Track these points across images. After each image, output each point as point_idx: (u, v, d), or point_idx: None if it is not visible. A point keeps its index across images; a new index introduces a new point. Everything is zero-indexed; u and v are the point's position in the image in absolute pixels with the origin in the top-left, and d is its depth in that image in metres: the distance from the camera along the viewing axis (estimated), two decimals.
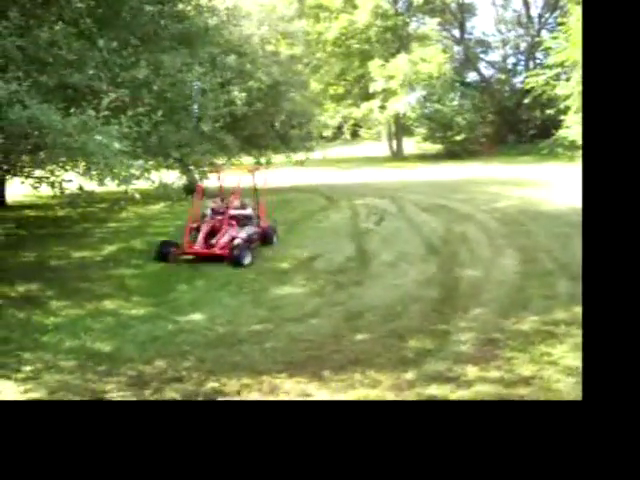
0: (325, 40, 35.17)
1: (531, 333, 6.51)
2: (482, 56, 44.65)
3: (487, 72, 44.38)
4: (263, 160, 20.39)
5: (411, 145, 38.48)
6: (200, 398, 5.18)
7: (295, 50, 27.28)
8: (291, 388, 5.32)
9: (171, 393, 5.27)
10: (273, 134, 20.28)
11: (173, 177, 12.28)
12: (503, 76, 42.82)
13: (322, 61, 35.63)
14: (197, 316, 7.40)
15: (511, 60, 45.31)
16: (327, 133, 37.76)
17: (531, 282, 8.54)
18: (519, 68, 44.28)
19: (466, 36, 43.58)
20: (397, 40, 36.06)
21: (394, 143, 38.32)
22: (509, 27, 45.34)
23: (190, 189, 14.23)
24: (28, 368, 5.87)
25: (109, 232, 13.12)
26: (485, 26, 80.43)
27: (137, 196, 7.25)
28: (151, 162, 10.35)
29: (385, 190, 19.65)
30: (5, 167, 8.32)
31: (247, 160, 21.27)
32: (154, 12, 10.25)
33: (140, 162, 8.95)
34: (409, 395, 5.11)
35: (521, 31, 44.33)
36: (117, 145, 6.49)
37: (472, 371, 5.57)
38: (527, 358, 5.84)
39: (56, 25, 8.54)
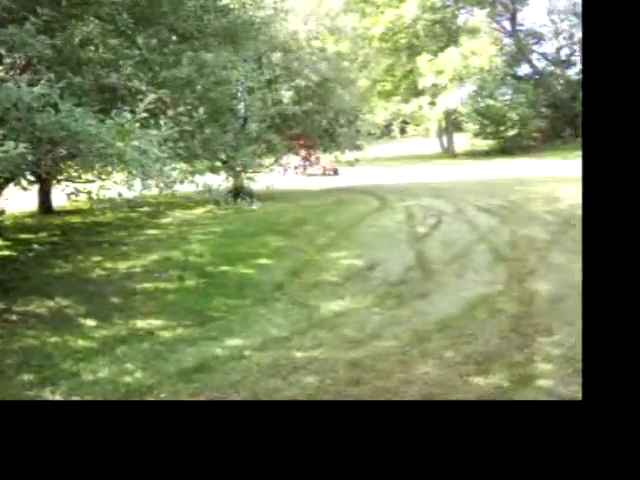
0: (372, 35, 34.30)
1: None
2: (535, 48, 43.21)
3: (540, 64, 42.93)
4: (313, 159, 19.75)
5: (461, 141, 37.39)
6: None
7: (342, 46, 26.57)
8: None
9: None
10: (321, 133, 19.56)
11: (219, 180, 11.63)
12: (557, 68, 41.31)
13: (369, 57, 34.77)
14: (244, 339, 6.67)
15: (565, 51, 43.75)
16: (375, 130, 36.98)
17: None
18: (573, 59, 42.72)
19: (517, 27, 42.20)
20: (446, 33, 35.03)
21: (444, 139, 37.30)
22: (562, 17, 43.74)
23: (236, 193, 13.60)
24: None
25: (148, 240, 12.54)
26: (537, 17, 77.99)
27: None
28: (195, 165, 9.77)
29: (439, 189, 18.81)
30: (33, 177, 7.74)
31: (294, 160, 20.65)
32: (196, 6, 9.60)
33: (182, 166, 8.36)
34: None
35: (575, 20, 42.67)
36: (156, 151, 5.82)
37: None
38: None
39: (91, 23, 7.96)
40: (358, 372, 5.59)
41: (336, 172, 26.09)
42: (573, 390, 5.10)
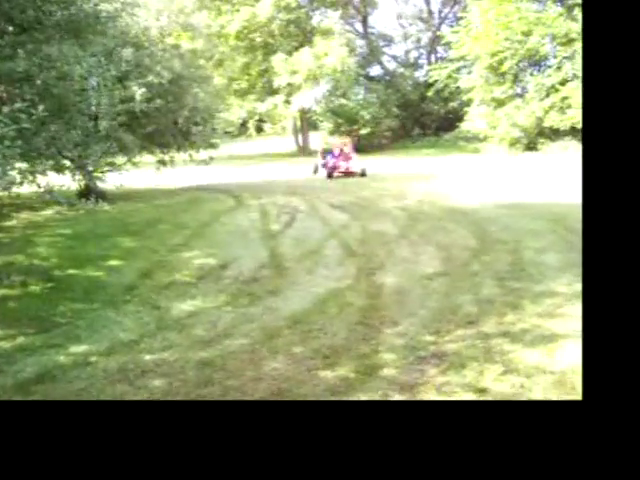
0: (227, 33, 34.10)
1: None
2: (385, 50, 44.81)
3: (390, 66, 44.59)
4: (167, 158, 19.38)
5: (317, 139, 38.04)
6: None
7: (197, 44, 26.25)
8: None
9: None
10: (175, 131, 19.21)
11: (65, 180, 11.13)
12: (406, 70, 43.06)
13: (225, 55, 34.55)
14: (90, 345, 6.45)
15: (413, 54, 45.78)
16: (231, 129, 36.88)
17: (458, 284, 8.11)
18: (421, 62, 44.82)
19: (369, 30, 43.59)
20: (300, 34, 35.46)
21: (300, 138, 37.79)
22: (410, 22, 45.75)
23: (85, 193, 13.07)
24: None
25: None
26: (387, 20, 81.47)
27: None
28: (36, 165, 9.29)
29: (294, 187, 19.08)
30: None
31: (149, 159, 20.14)
32: None
33: (23, 166, 7.97)
34: None
35: (422, 25, 44.84)
36: None
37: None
38: None
39: None
40: (208, 372, 5.57)
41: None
42: (414, 377, 5.38)
